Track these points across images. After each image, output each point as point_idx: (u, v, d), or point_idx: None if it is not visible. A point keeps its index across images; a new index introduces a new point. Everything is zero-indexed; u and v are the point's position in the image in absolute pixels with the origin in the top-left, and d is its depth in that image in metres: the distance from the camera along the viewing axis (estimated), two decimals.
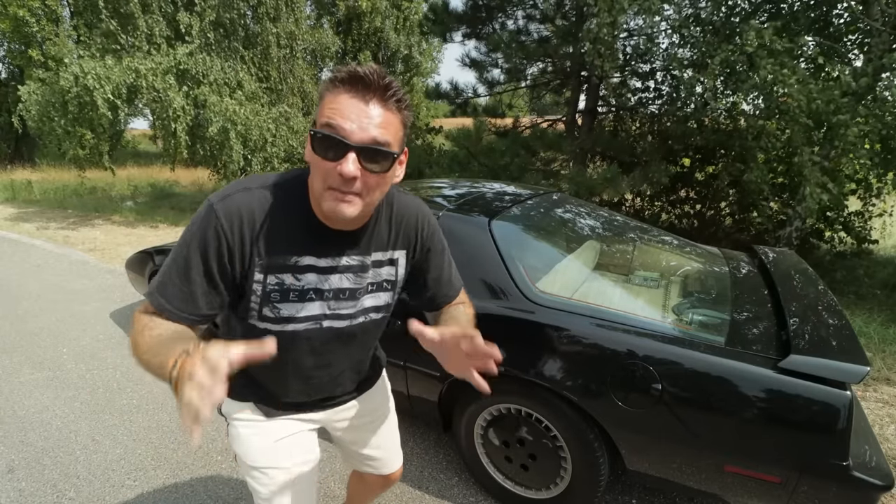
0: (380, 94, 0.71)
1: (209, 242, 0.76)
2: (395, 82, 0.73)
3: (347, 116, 0.70)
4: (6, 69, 15.32)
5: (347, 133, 0.70)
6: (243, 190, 0.80)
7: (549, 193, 2.57)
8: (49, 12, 11.19)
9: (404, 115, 0.76)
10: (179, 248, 0.78)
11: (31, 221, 7.70)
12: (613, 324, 1.52)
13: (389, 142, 0.72)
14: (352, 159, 0.70)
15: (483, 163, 6.44)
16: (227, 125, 7.00)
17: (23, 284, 4.41)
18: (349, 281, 0.88)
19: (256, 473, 0.99)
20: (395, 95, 0.72)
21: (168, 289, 0.78)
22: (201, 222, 0.77)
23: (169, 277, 0.78)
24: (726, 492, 1.43)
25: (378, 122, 0.71)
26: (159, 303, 0.77)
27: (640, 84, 6.21)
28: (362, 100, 0.70)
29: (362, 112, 0.70)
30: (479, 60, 7.14)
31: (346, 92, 0.70)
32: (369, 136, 0.70)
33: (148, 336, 0.74)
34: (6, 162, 14.63)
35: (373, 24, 12.93)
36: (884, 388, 2.59)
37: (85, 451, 2.12)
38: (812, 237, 5.17)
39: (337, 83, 0.71)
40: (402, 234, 0.93)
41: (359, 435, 1.17)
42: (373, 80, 0.70)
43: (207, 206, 0.78)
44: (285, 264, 0.82)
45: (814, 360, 1.27)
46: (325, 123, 0.71)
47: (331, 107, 0.71)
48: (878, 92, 3.50)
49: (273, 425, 1.00)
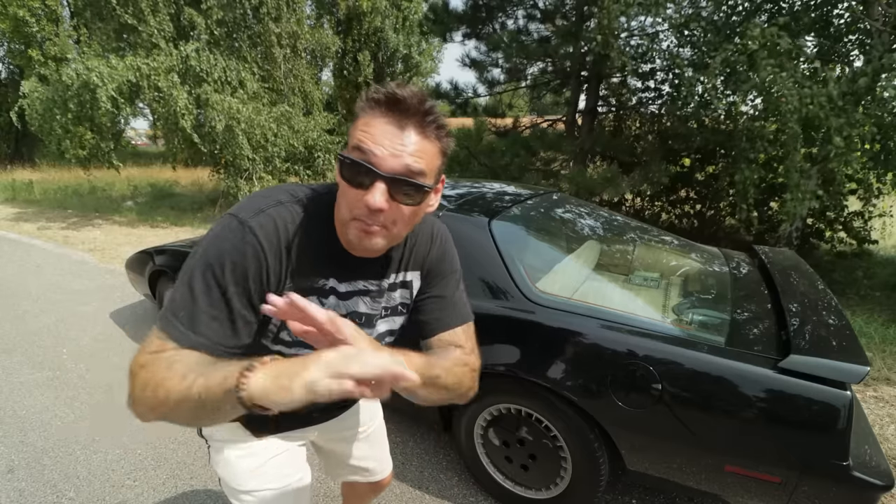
0: (418, 120, 0.65)
1: (249, 264, 0.68)
2: (436, 107, 0.66)
3: (380, 142, 0.64)
4: (6, 69, 15.32)
5: (378, 160, 0.64)
6: (276, 204, 0.72)
7: (549, 193, 2.56)
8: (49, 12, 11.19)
9: (444, 144, 0.70)
10: (207, 274, 0.67)
11: (31, 221, 7.70)
12: (613, 324, 1.52)
13: (424, 171, 0.67)
14: (380, 190, 0.64)
15: (483, 163, 6.45)
16: (231, 123, 7.01)
17: (23, 284, 4.41)
18: (366, 306, 0.84)
19: (245, 497, 0.93)
20: (435, 122, 0.66)
21: (203, 324, 0.66)
22: (236, 242, 0.68)
23: (200, 311, 0.66)
24: (726, 492, 1.43)
25: (413, 149, 0.65)
26: (195, 342, 0.65)
27: (641, 84, 6.22)
28: (398, 125, 0.64)
29: (396, 138, 0.64)
30: (479, 60, 7.13)
31: (382, 115, 0.65)
32: (402, 164, 0.64)
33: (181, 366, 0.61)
34: (6, 162, 14.64)
35: (373, 23, 12.92)
36: (884, 388, 2.59)
37: (85, 451, 2.12)
38: (812, 237, 5.18)
39: (373, 104, 0.65)
40: (415, 254, 0.87)
41: (349, 446, 1.13)
42: (412, 104, 0.64)
43: (238, 222, 0.69)
44: (312, 287, 0.76)
45: (814, 360, 1.27)
46: (356, 147, 0.65)
47: (363, 129, 0.65)
48: (877, 92, 3.50)
49: (261, 445, 0.94)
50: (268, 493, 0.93)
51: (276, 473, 0.95)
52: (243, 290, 0.68)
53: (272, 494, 0.94)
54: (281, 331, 0.79)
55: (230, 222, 0.69)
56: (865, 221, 5.00)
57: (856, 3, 3.99)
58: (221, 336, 0.67)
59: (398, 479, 1.94)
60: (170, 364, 0.62)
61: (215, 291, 0.67)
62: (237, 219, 0.69)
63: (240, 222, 0.69)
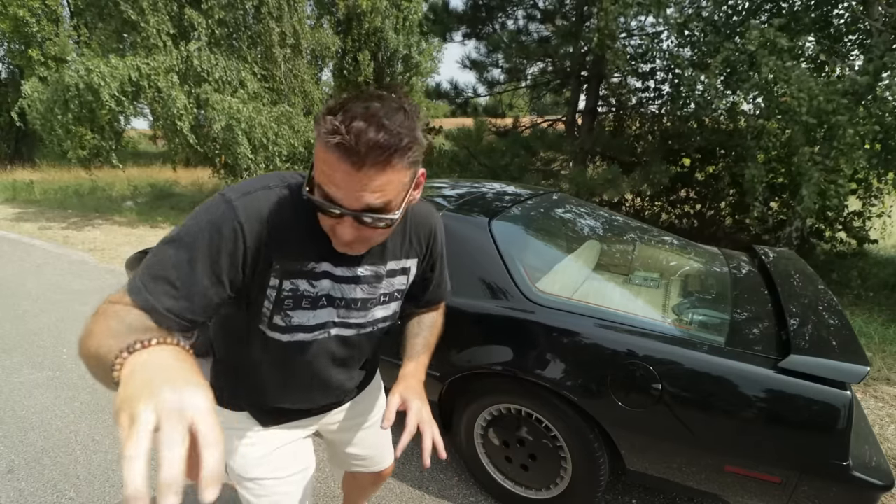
0: (373, 159, 0.62)
1: (224, 240, 0.69)
2: (391, 139, 0.61)
3: (339, 184, 0.64)
4: (6, 69, 15.32)
5: (340, 200, 0.65)
6: (264, 188, 0.74)
7: (549, 193, 2.56)
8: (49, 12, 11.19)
9: (407, 163, 0.66)
10: (181, 241, 0.68)
11: (31, 221, 7.70)
12: (613, 324, 1.52)
13: (388, 203, 0.67)
14: (348, 223, 0.68)
15: (483, 163, 6.45)
16: (231, 122, 7.01)
17: (23, 284, 4.41)
18: (363, 291, 0.86)
19: (251, 485, 0.95)
20: (391, 156, 0.63)
21: (160, 285, 0.66)
22: (216, 217, 0.70)
23: (163, 272, 0.66)
24: (726, 492, 1.42)
25: (374, 186, 0.64)
26: (145, 299, 0.64)
27: (641, 84, 6.21)
28: (353, 166, 0.62)
29: (355, 181, 0.63)
30: (479, 60, 7.13)
31: (338, 159, 0.62)
32: (362, 203, 0.65)
33: (114, 322, 0.60)
34: (6, 162, 14.63)
35: (373, 23, 12.91)
36: (884, 388, 2.59)
37: (85, 451, 2.12)
38: (812, 237, 5.17)
39: (328, 146, 0.62)
40: (415, 243, 0.91)
41: (352, 435, 1.15)
42: (363, 149, 0.61)
43: (224, 200, 0.71)
44: (302, 270, 0.78)
45: (814, 360, 1.27)
46: (320, 185, 0.66)
47: (322, 166, 0.65)
48: (878, 92, 3.50)
49: (269, 434, 0.97)
50: (273, 482, 0.96)
51: (281, 463, 0.97)
52: (213, 264, 0.69)
53: (277, 483, 0.96)
54: (275, 315, 0.80)
55: (217, 199, 0.72)
56: (865, 221, 5.00)
57: (856, 3, 3.99)
58: (174, 305, 0.66)
59: (398, 479, 1.94)
60: (109, 317, 0.61)
61: (184, 261, 0.67)
62: (224, 197, 0.71)
63: (225, 200, 0.71)
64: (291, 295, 0.79)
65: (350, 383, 1.03)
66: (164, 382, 0.44)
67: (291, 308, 0.80)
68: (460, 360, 1.68)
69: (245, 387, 0.93)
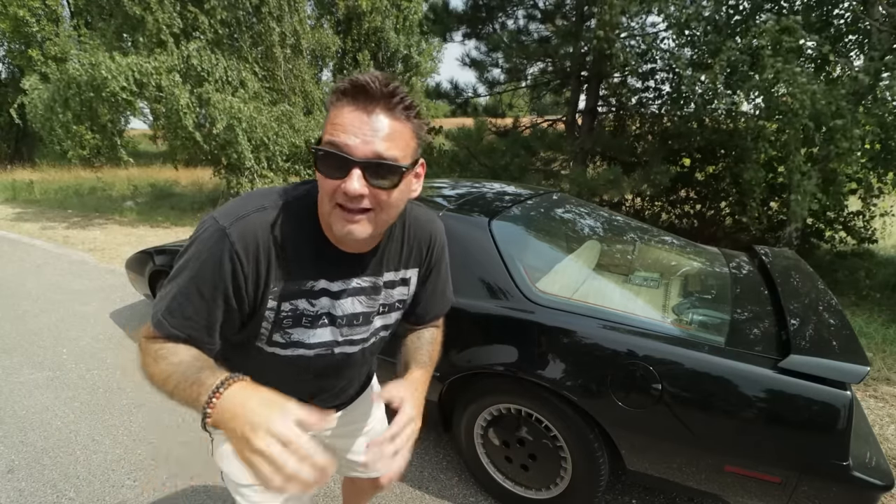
0: (384, 103, 0.66)
1: (224, 272, 0.70)
2: (400, 87, 0.67)
3: (350, 131, 0.65)
4: (6, 69, 15.33)
5: (350, 149, 0.65)
6: (258, 210, 0.73)
7: (549, 193, 2.56)
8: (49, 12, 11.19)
9: (415, 124, 0.70)
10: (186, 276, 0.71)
11: (31, 221, 7.70)
12: (613, 324, 1.52)
13: (396, 156, 0.67)
14: (356, 176, 0.66)
15: (483, 163, 6.44)
16: (232, 122, 7.02)
17: (23, 284, 4.41)
18: (361, 304, 0.84)
19: (246, 491, 0.94)
20: (401, 103, 0.67)
21: (178, 319, 0.71)
22: (212, 247, 0.70)
23: (179, 304, 0.71)
24: (726, 492, 1.42)
25: (383, 134, 0.66)
26: (169, 333, 0.71)
27: (641, 84, 6.21)
28: (365, 111, 0.65)
29: (365, 124, 0.65)
30: (479, 60, 7.12)
31: (349, 104, 0.66)
32: (373, 150, 0.65)
33: (165, 364, 0.69)
34: (6, 162, 14.64)
35: (372, 23, 12.92)
36: (884, 388, 2.59)
37: (85, 451, 2.12)
38: (812, 237, 5.17)
39: (339, 95, 0.67)
40: (415, 252, 0.89)
41: (350, 441, 1.13)
42: (375, 89, 0.64)
43: (217, 228, 0.71)
44: (300, 290, 0.77)
45: (814, 360, 1.27)
46: (328, 141, 0.67)
47: (333, 122, 0.67)
48: (878, 92, 3.50)
49: None
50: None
51: None
52: (222, 294, 0.72)
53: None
54: (274, 333, 0.80)
55: (211, 227, 0.72)
56: (866, 222, 4.99)
57: (856, 3, 3.98)
58: (198, 333, 0.72)
59: (398, 479, 1.94)
60: (157, 357, 0.70)
61: (195, 294, 0.71)
62: (217, 224, 0.71)
63: (219, 229, 0.71)
64: (291, 315, 0.79)
65: (351, 390, 1.02)
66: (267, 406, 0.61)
67: (291, 326, 0.80)
68: (460, 360, 1.68)
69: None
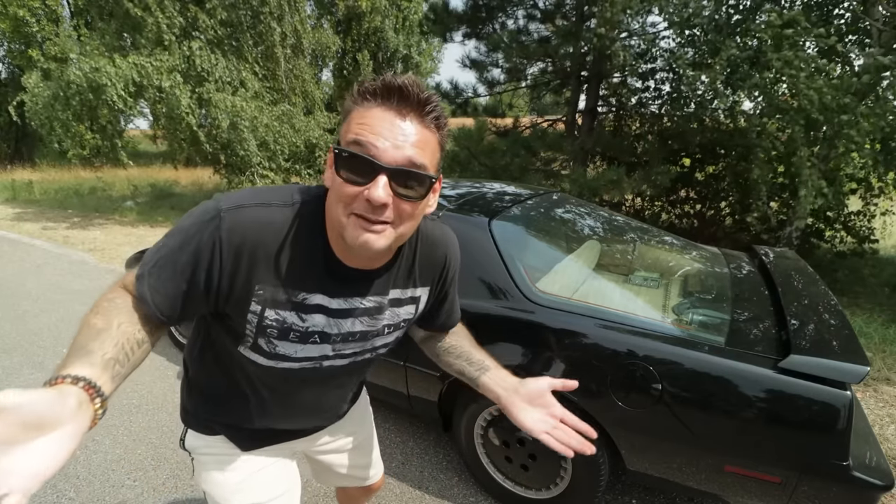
0: (418, 110, 0.61)
1: (202, 252, 0.65)
2: (434, 96, 0.63)
3: (380, 133, 0.60)
4: (6, 69, 15.33)
5: (379, 152, 0.60)
6: (261, 204, 0.67)
7: (549, 193, 2.56)
8: (49, 12, 11.19)
9: (442, 136, 0.66)
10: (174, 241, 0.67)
11: (31, 221, 7.70)
12: (614, 324, 1.52)
13: (426, 165, 0.63)
14: (382, 183, 0.60)
15: (483, 163, 6.44)
16: (235, 120, 7.02)
17: (23, 284, 4.41)
18: (363, 324, 0.77)
19: None
20: (434, 111, 0.63)
21: (153, 281, 0.66)
22: (201, 224, 0.65)
23: (157, 269, 0.66)
24: (726, 492, 1.42)
25: (415, 140, 0.61)
26: (141, 292, 0.65)
27: (641, 84, 6.21)
28: (398, 114, 0.61)
29: (398, 128, 0.60)
30: (479, 60, 7.13)
31: (379, 105, 0.61)
32: (405, 156, 0.60)
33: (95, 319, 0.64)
34: (6, 162, 14.64)
35: (372, 23, 12.91)
36: (884, 388, 2.59)
37: (85, 451, 2.12)
38: (812, 237, 5.17)
39: (368, 95, 0.61)
40: (428, 270, 0.82)
41: (339, 456, 1.09)
42: (412, 92, 0.60)
43: (214, 208, 0.66)
44: (290, 300, 0.70)
45: (814, 360, 1.27)
46: (353, 141, 0.61)
47: (360, 122, 0.61)
48: (879, 92, 3.50)
49: (248, 458, 0.89)
50: None
51: (261, 489, 0.90)
52: (192, 272, 0.66)
53: None
54: (259, 338, 0.73)
55: (211, 205, 0.67)
56: (868, 221, 4.99)
57: (856, 3, 3.98)
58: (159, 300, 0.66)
59: (398, 478, 1.94)
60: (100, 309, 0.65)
61: (169, 264, 0.66)
62: (217, 205, 0.67)
63: (215, 210, 0.66)
64: (276, 326, 0.71)
65: (342, 405, 0.97)
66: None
67: (276, 337, 0.73)
68: None
69: (222, 407, 0.86)
